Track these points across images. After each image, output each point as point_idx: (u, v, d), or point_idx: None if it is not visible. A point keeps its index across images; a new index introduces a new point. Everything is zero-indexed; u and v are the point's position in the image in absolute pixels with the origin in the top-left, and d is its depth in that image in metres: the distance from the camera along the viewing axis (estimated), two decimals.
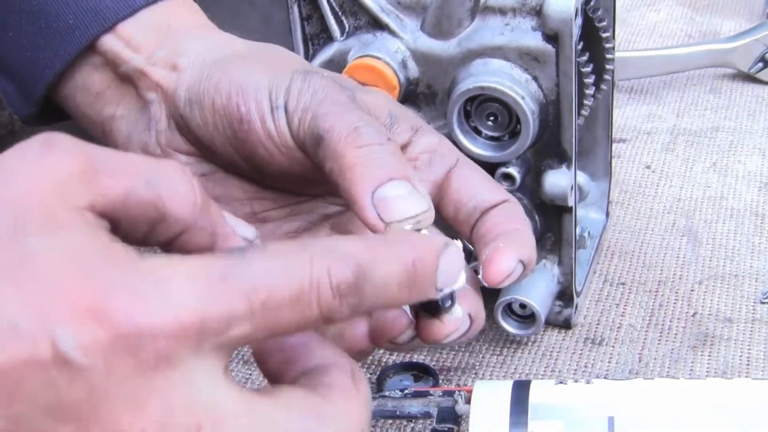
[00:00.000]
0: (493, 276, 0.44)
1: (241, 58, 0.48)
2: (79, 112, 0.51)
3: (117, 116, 0.50)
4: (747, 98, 0.89)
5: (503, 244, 0.45)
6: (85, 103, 0.51)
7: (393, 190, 0.41)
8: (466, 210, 0.46)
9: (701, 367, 0.61)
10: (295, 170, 0.46)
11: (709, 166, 0.80)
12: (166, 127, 0.48)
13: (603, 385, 0.49)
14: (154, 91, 0.49)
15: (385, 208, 0.41)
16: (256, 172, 0.48)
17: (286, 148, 0.45)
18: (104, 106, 0.50)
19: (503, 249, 0.45)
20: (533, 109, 0.56)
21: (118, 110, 0.50)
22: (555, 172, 0.59)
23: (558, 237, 0.61)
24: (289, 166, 0.46)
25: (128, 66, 0.49)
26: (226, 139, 0.47)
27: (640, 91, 0.91)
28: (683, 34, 1.00)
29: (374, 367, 0.62)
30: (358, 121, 0.43)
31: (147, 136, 0.49)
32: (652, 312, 0.65)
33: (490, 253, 0.45)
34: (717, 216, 0.74)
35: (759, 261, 0.69)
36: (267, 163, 0.46)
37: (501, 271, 0.44)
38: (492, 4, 0.56)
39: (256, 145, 0.46)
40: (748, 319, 0.64)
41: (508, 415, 0.47)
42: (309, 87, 0.45)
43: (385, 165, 0.42)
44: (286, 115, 0.45)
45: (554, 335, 0.64)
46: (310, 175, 0.46)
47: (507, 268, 0.44)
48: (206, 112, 0.46)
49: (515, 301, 0.61)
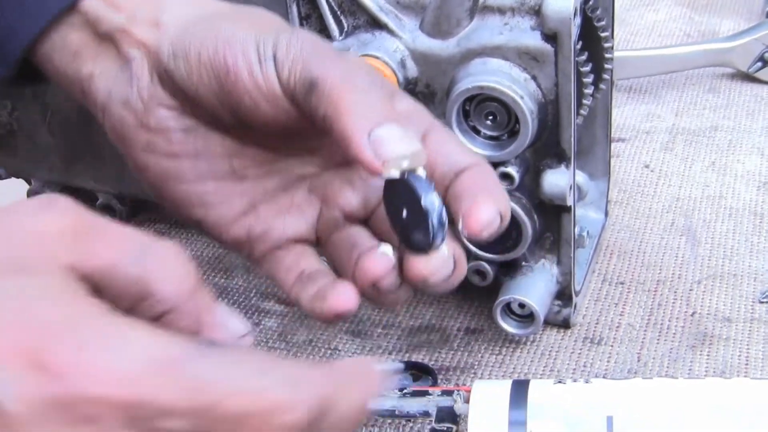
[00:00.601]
0: (474, 225, 0.45)
1: (226, 16, 0.49)
2: (56, 72, 0.51)
3: (96, 74, 0.50)
4: (746, 98, 0.89)
5: (481, 196, 0.46)
6: (63, 62, 0.51)
7: (387, 131, 0.43)
8: (441, 171, 0.47)
9: (700, 366, 0.61)
10: (279, 121, 0.47)
11: (708, 165, 0.80)
12: (148, 82, 0.49)
13: (602, 384, 0.49)
14: (136, 48, 0.49)
15: (381, 147, 0.43)
16: (239, 125, 0.48)
17: (273, 98, 0.46)
18: (82, 64, 0.50)
19: (482, 200, 0.45)
20: (532, 108, 0.56)
21: (96, 68, 0.50)
22: (554, 172, 0.59)
23: (557, 236, 0.61)
24: (274, 116, 0.47)
25: (109, 25, 0.49)
26: (211, 91, 0.47)
27: (639, 90, 0.91)
28: (682, 33, 1.00)
29: None
30: (351, 68, 0.45)
31: (128, 91, 0.49)
32: (650, 311, 0.65)
33: (469, 205, 0.45)
34: (716, 215, 0.74)
35: (758, 260, 0.69)
36: (252, 114, 0.47)
37: (481, 221, 0.45)
38: (491, 3, 0.56)
39: (242, 96, 0.46)
40: (746, 319, 0.64)
41: (506, 415, 0.48)
42: (297, 40, 0.46)
43: (378, 109, 0.44)
44: (275, 65, 0.46)
45: (553, 335, 0.64)
46: (293, 126, 0.47)
47: (487, 217, 0.45)
48: (192, 65, 0.47)
49: (514, 301, 0.61)
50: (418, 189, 0.43)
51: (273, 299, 0.69)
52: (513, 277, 0.63)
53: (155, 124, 0.49)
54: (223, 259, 0.73)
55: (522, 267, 0.62)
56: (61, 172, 0.74)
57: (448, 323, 0.66)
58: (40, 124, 0.72)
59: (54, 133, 0.72)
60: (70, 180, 0.74)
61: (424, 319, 0.66)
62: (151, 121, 0.48)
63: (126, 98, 0.49)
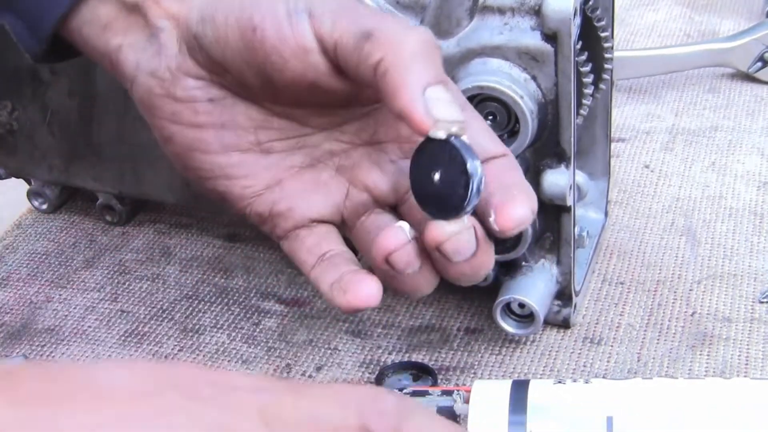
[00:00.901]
0: (508, 222, 0.44)
1: None
2: (86, 45, 0.52)
3: (124, 45, 0.50)
4: (746, 98, 0.89)
5: (516, 191, 0.45)
6: (93, 36, 0.51)
7: (441, 92, 0.43)
8: None
9: (700, 366, 0.61)
10: (307, 78, 0.47)
11: (708, 165, 0.80)
12: (176, 51, 0.49)
13: (601, 384, 0.49)
14: (164, 18, 0.49)
15: (434, 107, 0.43)
16: (266, 89, 0.48)
17: (302, 52, 0.46)
18: (111, 37, 0.51)
19: (517, 196, 0.45)
20: (532, 108, 0.56)
21: (125, 40, 0.50)
22: (554, 172, 0.59)
23: (557, 236, 0.61)
24: (302, 72, 0.46)
25: None
26: (238, 53, 0.47)
27: (639, 90, 0.91)
28: (682, 33, 1.00)
29: (373, 366, 0.62)
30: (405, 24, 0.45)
31: (156, 62, 0.49)
32: (650, 311, 0.65)
33: (504, 200, 0.45)
34: (716, 215, 0.74)
35: (757, 260, 0.69)
36: (279, 73, 0.47)
37: (516, 218, 0.44)
38: (491, 3, 0.56)
39: (269, 53, 0.46)
40: (746, 319, 0.64)
41: (506, 415, 0.47)
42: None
43: (433, 69, 0.44)
44: (311, 19, 0.46)
45: (553, 335, 0.64)
46: (321, 85, 0.47)
47: (522, 215, 0.44)
48: (219, 27, 0.47)
49: (514, 301, 0.61)
50: (465, 153, 0.43)
51: (273, 299, 0.69)
52: (513, 277, 0.63)
53: (182, 94, 0.49)
54: (223, 259, 0.73)
55: (522, 267, 0.62)
56: (61, 172, 0.74)
57: (448, 323, 0.66)
58: (40, 124, 0.72)
59: (54, 133, 0.72)
60: (70, 180, 0.74)
61: (424, 319, 0.66)
62: (177, 91, 0.49)
63: (154, 68, 0.49)
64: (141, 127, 0.70)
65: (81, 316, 0.68)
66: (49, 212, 0.79)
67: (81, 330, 0.67)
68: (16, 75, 0.71)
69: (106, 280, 0.71)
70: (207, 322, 0.67)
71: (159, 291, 0.70)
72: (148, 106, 0.50)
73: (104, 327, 0.67)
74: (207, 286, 0.70)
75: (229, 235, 0.75)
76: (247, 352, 0.64)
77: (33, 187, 0.78)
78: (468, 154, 0.43)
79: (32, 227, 0.77)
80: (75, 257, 0.74)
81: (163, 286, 0.70)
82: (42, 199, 0.78)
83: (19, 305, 0.70)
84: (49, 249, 0.75)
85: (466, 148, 0.43)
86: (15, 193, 0.82)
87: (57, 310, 0.69)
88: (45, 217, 0.78)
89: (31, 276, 0.72)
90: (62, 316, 0.68)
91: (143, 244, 0.75)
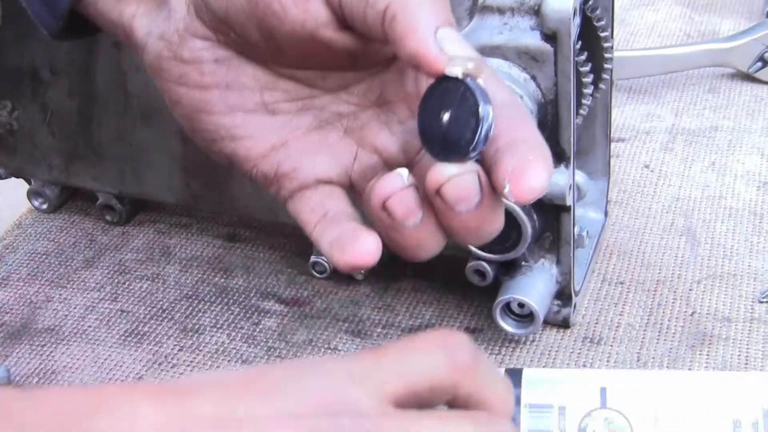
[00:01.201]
0: (524, 194, 0.42)
1: None
2: (101, 18, 0.52)
3: (138, 15, 0.51)
4: (746, 98, 0.89)
5: (532, 155, 0.42)
6: (107, 8, 0.52)
7: (453, 33, 0.43)
8: None
9: (699, 366, 0.61)
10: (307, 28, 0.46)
11: (708, 165, 0.80)
12: (184, 14, 0.49)
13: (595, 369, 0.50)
14: None
15: (448, 45, 0.42)
16: (270, 47, 0.48)
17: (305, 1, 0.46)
18: (125, 7, 0.51)
19: (533, 163, 0.42)
20: (532, 108, 0.56)
21: (139, 9, 0.51)
22: (553, 172, 0.59)
23: (556, 236, 0.61)
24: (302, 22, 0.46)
25: None
26: (240, 8, 0.47)
27: (639, 90, 0.91)
28: (682, 33, 1.00)
29: None
30: None
31: (166, 25, 0.50)
32: (650, 311, 0.65)
33: (518, 167, 0.42)
34: (715, 215, 0.74)
35: (757, 260, 0.69)
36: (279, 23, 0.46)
37: (533, 188, 0.42)
38: (490, 3, 0.56)
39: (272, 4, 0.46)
40: (746, 319, 0.64)
41: None
42: None
43: (443, 11, 0.43)
44: None
45: (553, 334, 0.64)
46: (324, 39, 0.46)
47: (539, 184, 0.42)
48: None
49: (514, 301, 0.61)
50: (478, 95, 0.41)
51: (273, 299, 0.69)
52: (513, 276, 0.63)
53: (188, 56, 0.49)
54: (223, 259, 0.73)
55: (521, 267, 0.62)
56: (61, 172, 0.74)
57: (448, 323, 0.66)
58: (40, 124, 0.72)
59: (54, 133, 0.72)
60: (70, 180, 0.74)
61: (424, 319, 0.66)
62: (185, 52, 0.49)
63: (163, 31, 0.50)
64: (141, 127, 0.70)
65: (81, 316, 0.68)
66: (49, 212, 0.79)
67: (81, 330, 0.67)
68: (16, 75, 0.71)
69: (106, 280, 0.71)
70: (207, 321, 0.67)
71: (159, 291, 0.70)
72: (157, 69, 0.50)
73: (104, 327, 0.67)
74: (207, 286, 0.70)
75: (229, 235, 0.75)
76: (247, 352, 0.64)
77: (33, 187, 0.78)
78: (482, 96, 0.42)
79: (32, 227, 0.78)
80: (75, 257, 0.74)
81: (163, 286, 0.71)
82: (42, 199, 0.78)
83: (19, 305, 0.70)
84: (49, 249, 0.75)
85: (480, 90, 0.42)
86: (15, 193, 0.82)
87: (57, 309, 0.69)
88: (45, 217, 0.78)
89: (31, 276, 0.72)
90: (62, 315, 0.68)
91: (143, 243, 0.75)
